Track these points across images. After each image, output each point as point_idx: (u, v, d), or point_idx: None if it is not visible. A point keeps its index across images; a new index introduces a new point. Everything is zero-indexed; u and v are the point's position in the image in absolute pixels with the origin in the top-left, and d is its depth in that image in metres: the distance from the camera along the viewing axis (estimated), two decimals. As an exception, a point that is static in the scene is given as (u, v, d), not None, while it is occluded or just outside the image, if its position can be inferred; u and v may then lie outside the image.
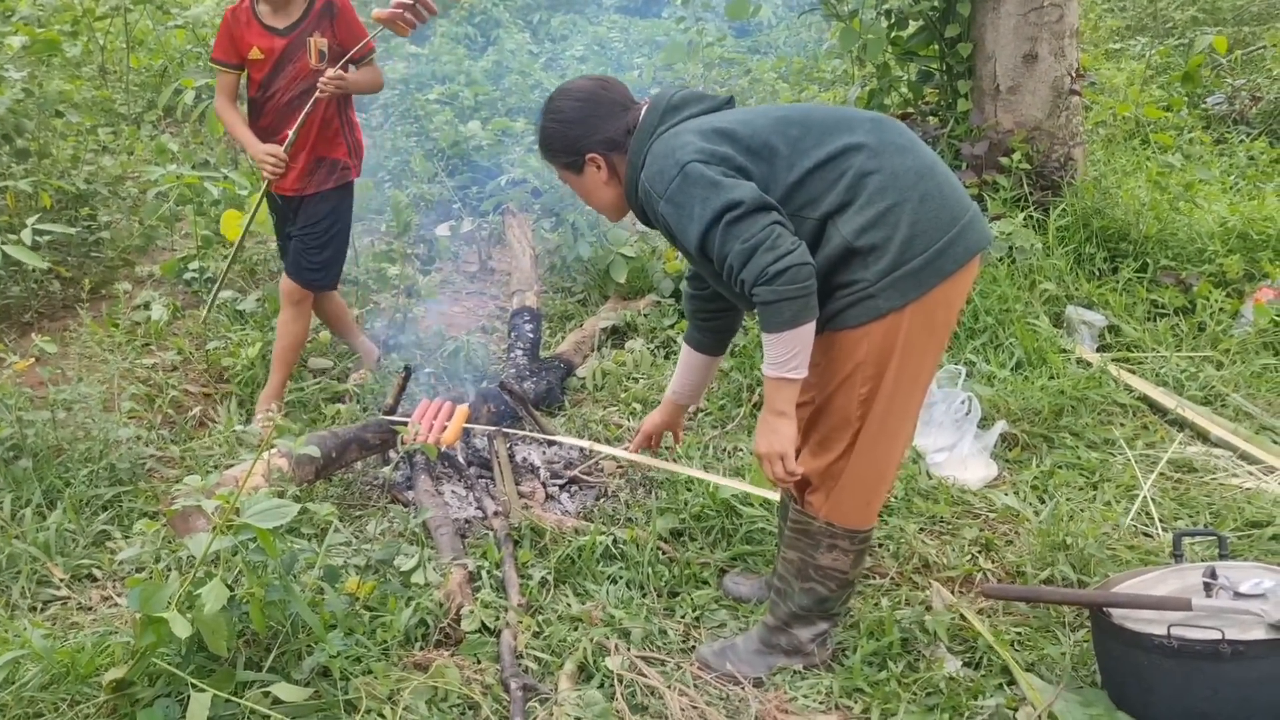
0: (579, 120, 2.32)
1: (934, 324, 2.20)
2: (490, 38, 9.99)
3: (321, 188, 3.69)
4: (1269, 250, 4.65)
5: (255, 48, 3.51)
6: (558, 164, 2.41)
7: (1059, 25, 4.83)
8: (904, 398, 2.25)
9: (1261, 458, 3.48)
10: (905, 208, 2.11)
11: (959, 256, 2.15)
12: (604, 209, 2.46)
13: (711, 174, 2.09)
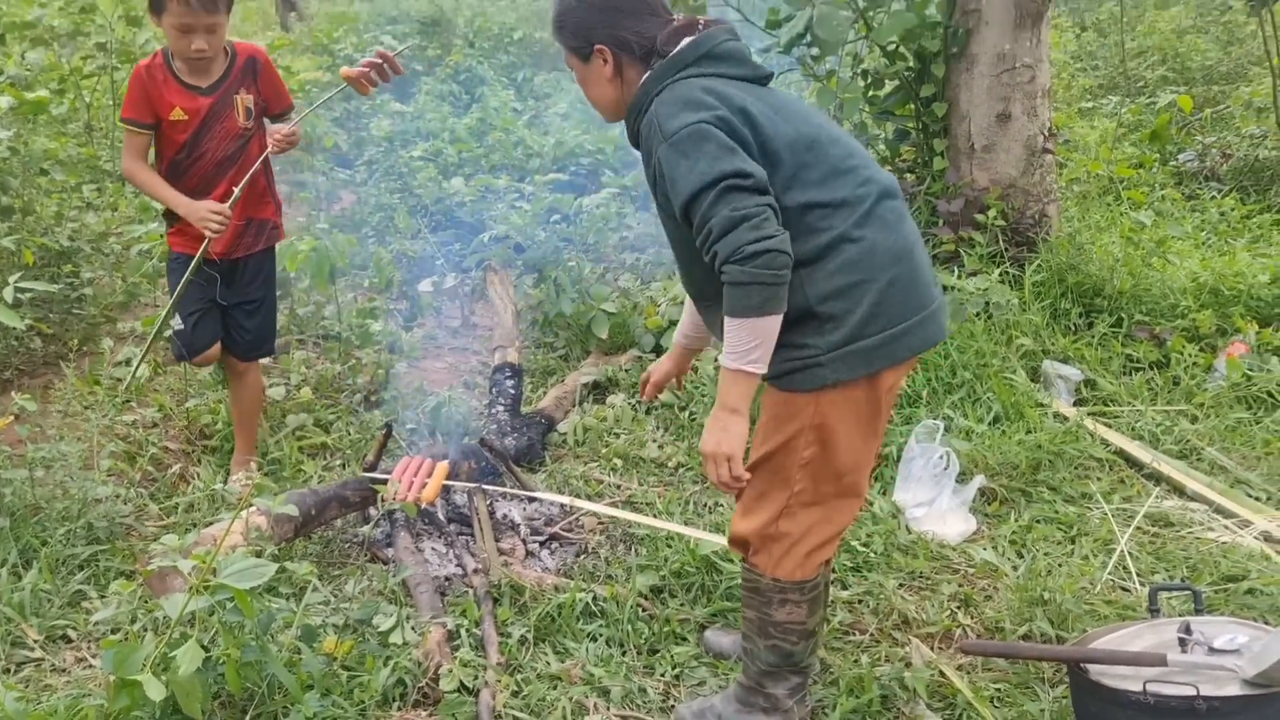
0: (599, 7, 2.21)
1: (876, 405, 2.20)
2: (475, 95, 10.12)
3: (252, 250, 3.59)
4: (1240, 305, 4.72)
5: (177, 108, 3.33)
6: (565, 45, 2.29)
7: (1031, 86, 4.93)
8: (848, 474, 2.24)
9: (1237, 511, 3.51)
10: (873, 286, 2.09)
11: (914, 346, 2.16)
12: (600, 105, 2.33)
13: (723, 136, 2.02)
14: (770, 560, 2.32)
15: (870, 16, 5.17)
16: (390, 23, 12.64)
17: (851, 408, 2.17)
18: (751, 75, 2.21)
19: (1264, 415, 4.12)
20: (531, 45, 12.37)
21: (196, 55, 3.24)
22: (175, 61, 3.33)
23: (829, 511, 2.30)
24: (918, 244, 2.22)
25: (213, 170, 3.42)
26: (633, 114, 2.22)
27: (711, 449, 2.11)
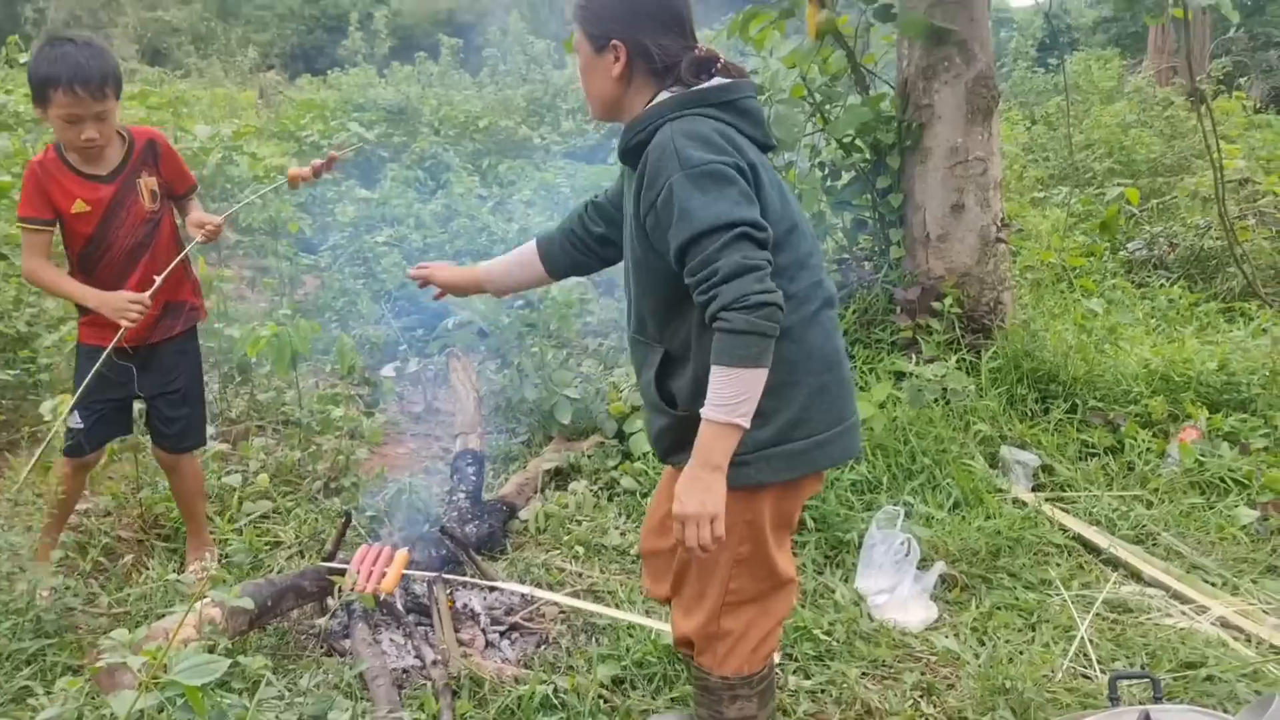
0: (632, 6, 2.12)
1: (792, 509, 2.24)
2: (440, 181, 10.24)
3: (170, 335, 3.41)
4: (1190, 391, 4.83)
5: (79, 200, 3.16)
6: (582, 29, 2.18)
7: (983, 178, 5.08)
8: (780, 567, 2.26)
9: (1193, 597, 3.54)
10: (803, 389, 2.09)
11: (834, 456, 2.19)
12: (595, 98, 2.24)
13: (743, 184, 1.98)
14: (716, 658, 2.31)
15: (826, 111, 5.32)
16: (357, 110, 12.81)
17: (778, 508, 2.20)
18: (761, 140, 2.18)
19: (1217, 500, 4.19)
20: (496, 133, 12.57)
21: (86, 145, 3.09)
22: (69, 153, 3.18)
23: (767, 604, 2.31)
24: (845, 356, 2.26)
25: (124, 260, 3.27)
26: (635, 128, 2.13)
27: (695, 510, 1.95)
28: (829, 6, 5.03)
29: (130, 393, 3.40)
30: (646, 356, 2.23)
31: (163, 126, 7.96)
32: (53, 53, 3.02)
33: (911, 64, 5.17)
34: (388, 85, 14.71)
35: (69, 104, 3.01)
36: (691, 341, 2.13)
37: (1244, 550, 3.87)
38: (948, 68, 5.03)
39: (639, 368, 2.29)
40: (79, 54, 3.02)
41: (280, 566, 3.68)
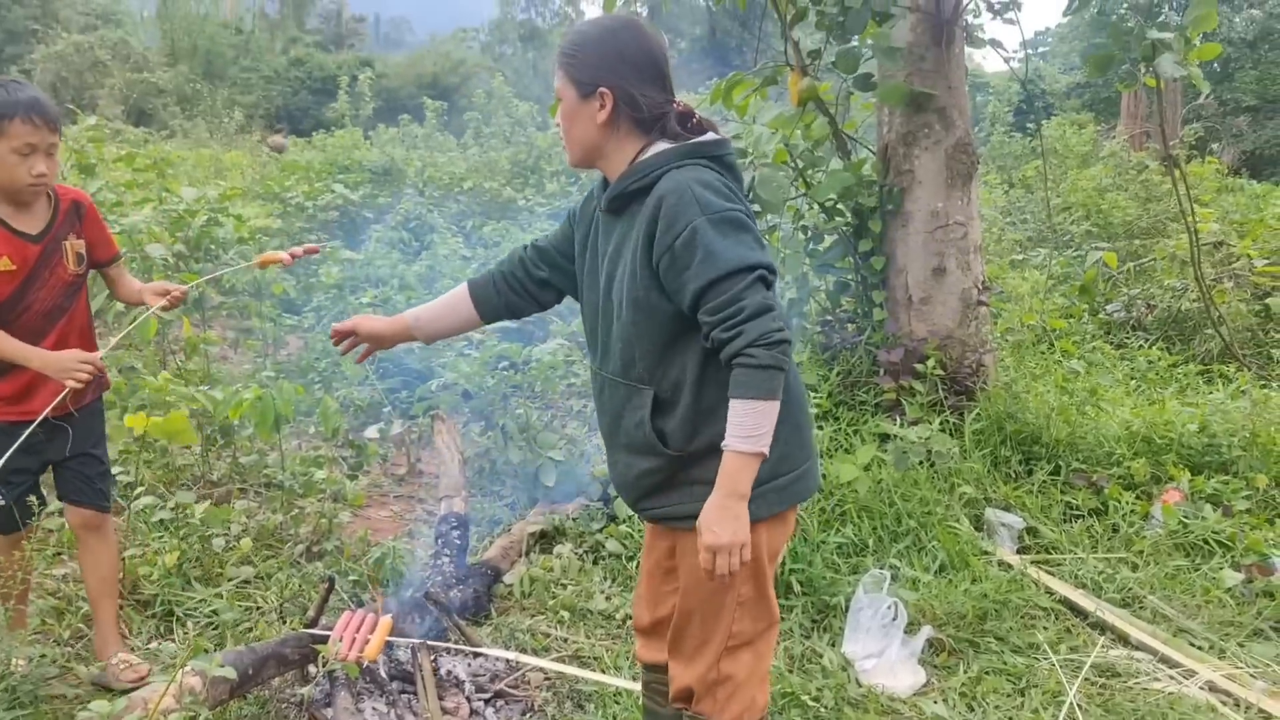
0: (623, 56, 2.16)
1: (781, 543, 2.33)
2: (424, 242, 10.28)
3: (82, 403, 3.22)
4: (1172, 453, 4.86)
5: (4, 257, 2.99)
6: (568, 75, 2.20)
7: (964, 241, 5.15)
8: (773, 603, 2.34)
9: (1181, 661, 3.54)
10: (786, 427, 2.14)
11: (810, 487, 2.30)
12: (576, 144, 2.26)
13: (756, 232, 2.09)
14: (716, 705, 2.31)
15: (809, 175, 5.39)
16: (343, 171, 12.90)
17: (772, 542, 2.27)
18: (741, 192, 2.23)
19: (1201, 562, 4.20)
20: (480, 195, 12.66)
21: (36, 181, 2.95)
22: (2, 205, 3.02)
23: (759, 647, 2.35)
24: None
25: (39, 322, 3.10)
26: (635, 174, 2.17)
27: (728, 540, 2.02)
28: (811, 74, 5.13)
29: (45, 461, 3.24)
30: (631, 399, 2.24)
31: (148, 188, 8.00)
32: (2, 88, 2.94)
33: (892, 130, 5.26)
34: (373, 147, 14.83)
35: (27, 133, 2.91)
36: (685, 381, 2.17)
37: (1230, 613, 3.87)
38: (927, 134, 5.12)
39: (619, 411, 2.28)
40: (30, 89, 2.98)
41: (262, 633, 3.62)
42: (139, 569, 3.94)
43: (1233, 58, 24.78)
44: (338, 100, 17.95)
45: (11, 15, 35.95)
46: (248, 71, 39.15)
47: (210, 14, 42.96)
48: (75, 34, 33.11)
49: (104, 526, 3.36)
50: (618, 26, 2.21)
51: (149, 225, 6.30)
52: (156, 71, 33.03)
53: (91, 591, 3.34)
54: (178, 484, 4.78)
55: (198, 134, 25.47)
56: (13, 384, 3.08)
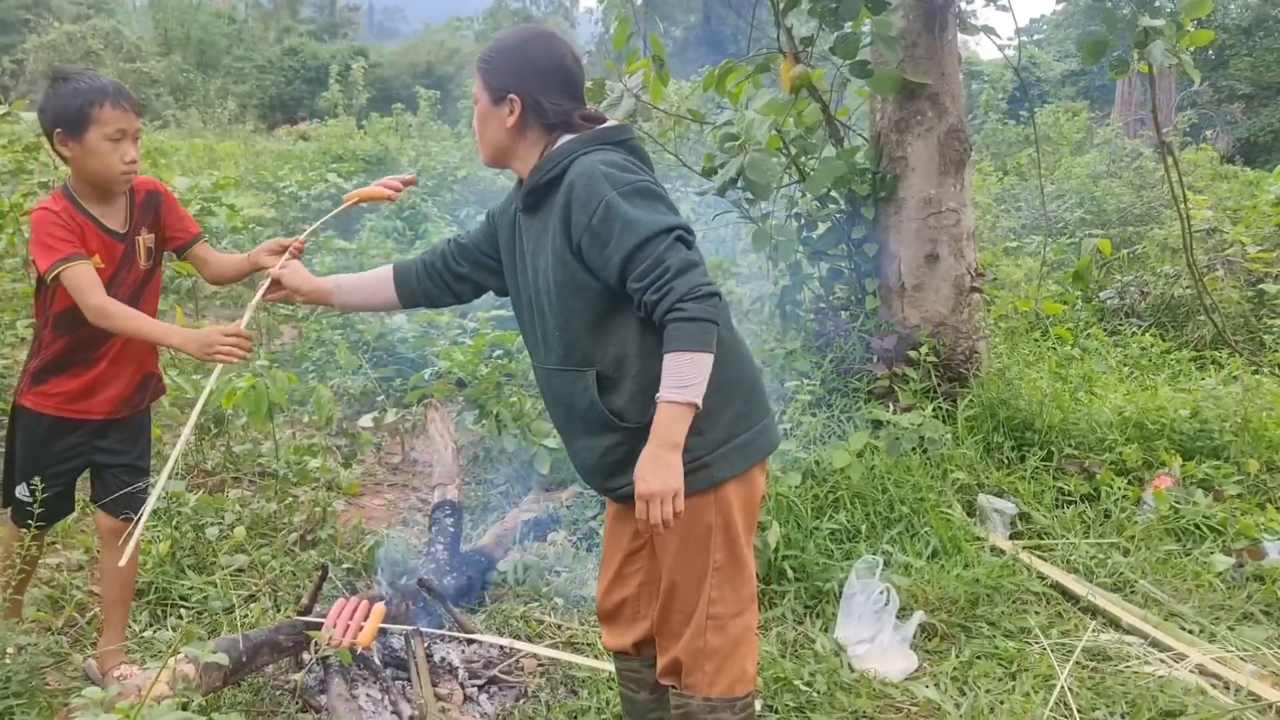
0: (534, 66, 2.28)
1: (754, 503, 2.35)
2: (419, 231, 10.27)
3: (138, 408, 3.19)
4: (1164, 439, 4.88)
5: (97, 255, 2.90)
6: (483, 80, 2.33)
7: (956, 229, 5.15)
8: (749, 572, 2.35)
9: (1172, 644, 3.55)
10: (741, 385, 2.26)
11: (771, 442, 2.34)
12: (488, 145, 2.37)
13: (665, 197, 2.19)
14: (705, 678, 2.31)
15: (803, 163, 5.39)
16: (336, 160, 12.87)
17: (743, 502, 2.30)
18: (649, 170, 2.33)
19: (1193, 547, 4.22)
20: (474, 183, 12.64)
21: (129, 169, 2.88)
22: (88, 203, 2.92)
23: (745, 619, 2.35)
24: None
25: None
26: (544, 167, 2.26)
27: (660, 488, 2.05)
28: (804, 61, 5.12)
29: (88, 462, 3.17)
30: (576, 384, 2.28)
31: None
32: (81, 79, 2.86)
33: (885, 117, 5.26)
34: (366, 136, 14.79)
35: (117, 118, 2.82)
36: (627, 355, 2.23)
37: (1220, 597, 3.89)
38: (920, 121, 5.12)
39: (569, 399, 2.32)
40: (107, 76, 2.92)
41: (255, 620, 3.63)
42: (133, 558, 3.94)
43: (1227, 44, 24.79)
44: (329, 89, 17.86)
45: (3, 5, 35.83)
46: (241, 61, 39.02)
47: (203, 3, 42.81)
48: (67, 24, 32.99)
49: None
50: (530, 36, 2.33)
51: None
52: (149, 61, 32.93)
53: (109, 596, 3.27)
54: (171, 473, 4.77)
55: (191, 124, 25.39)
56: (76, 381, 3.03)
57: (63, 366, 3.02)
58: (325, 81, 23.21)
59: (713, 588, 2.28)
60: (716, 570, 2.27)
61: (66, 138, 2.83)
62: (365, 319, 6.73)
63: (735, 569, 2.30)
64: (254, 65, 38.53)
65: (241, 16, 46.84)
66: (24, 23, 34.08)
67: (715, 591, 2.29)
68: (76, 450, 3.10)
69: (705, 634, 2.30)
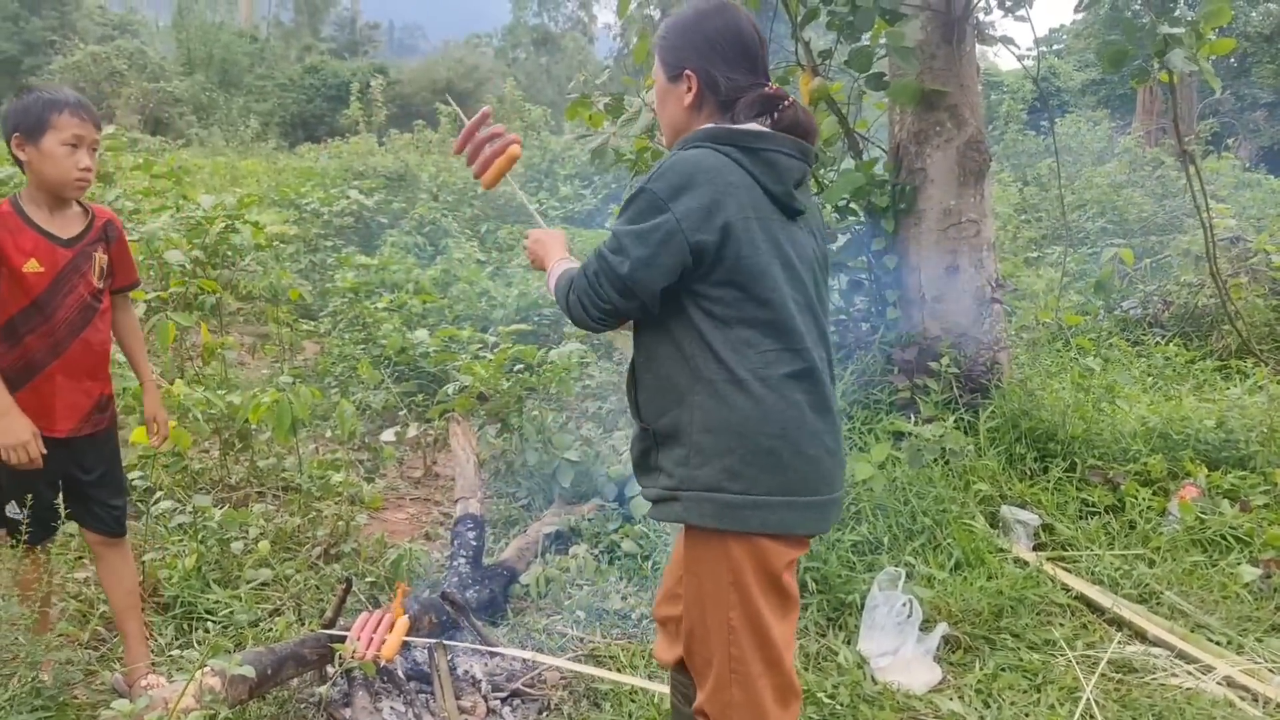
0: (707, 39, 2.21)
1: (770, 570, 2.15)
2: (439, 247, 10.33)
3: (99, 427, 3.19)
4: (1189, 449, 4.84)
5: (33, 259, 2.95)
6: (660, 58, 2.27)
7: (976, 239, 5.14)
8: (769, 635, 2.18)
9: (1198, 656, 3.52)
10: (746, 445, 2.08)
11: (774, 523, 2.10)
12: (667, 125, 2.33)
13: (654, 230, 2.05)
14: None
15: (821, 175, 5.40)
16: (356, 177, 12.97)
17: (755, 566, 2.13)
18: (779, 202, 2.16)
19: (1219, 558, 4.18)
20: (495, 199, 12.71)
21: (82, 176, 2.97)
22: (30, 208, 2.99)
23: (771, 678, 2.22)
24: (827, 434, 2.18)
25: (64, 332, 3.04)
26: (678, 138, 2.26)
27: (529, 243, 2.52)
28: (822, 74, 5.14)
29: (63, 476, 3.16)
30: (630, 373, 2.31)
31: (165, 196, 8.07)
32: (46, 90, 3.00)
33: (904, 129, 5.26)
34: (387, 153, 14.90)
35: (75, 125, 2.93)
36: (647, 354, 2.21)
37: (1248, 608, 3.85)
38: (939, 132, 5.12)
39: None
40: (72, 91, 3.04)
41: (280, 634, 3.65)
42: (159, 572, 3.98)
43: (1249, 52, 24.63)
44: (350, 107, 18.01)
45: (30, 27, 36.28)
46: (263, 79, 39.34)
47: (225, 23, 43.25)
48: (92, 44, 33.36)
49: (122, 544, 3.33)
50: (708, 10, 2.24)
51: (166, 233, 6.35)
52: (173, 81, 33.23)
53: (117, 607, 3.30)
54: (196, 488, 4.82)
55: (214, 142, 25.65)
56: (36, 396, 3.03)
57: (19, 382, 3.01)
58: (346, 99, 23.41)
59: (732, 644, 2.17)
60: (733, 630, 2.15)
61: (24, 141, 2.94)
62: (387, 333, 6.78)
63: (752, 630, 2.16)
64: (275, 84, 38.85)
65: (263, 36, 47.30)
66: (50, 44, 34.49)
67: (735, 649, 2.17)
68: (48, 469, 3.05)
69: (730, 687, 2.19)
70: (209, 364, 6.24)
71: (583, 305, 2.13)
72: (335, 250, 9.78)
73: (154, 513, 4.24)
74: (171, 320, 5.10)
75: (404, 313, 7.49)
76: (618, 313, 2.12)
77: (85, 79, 31.39)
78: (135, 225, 6.56)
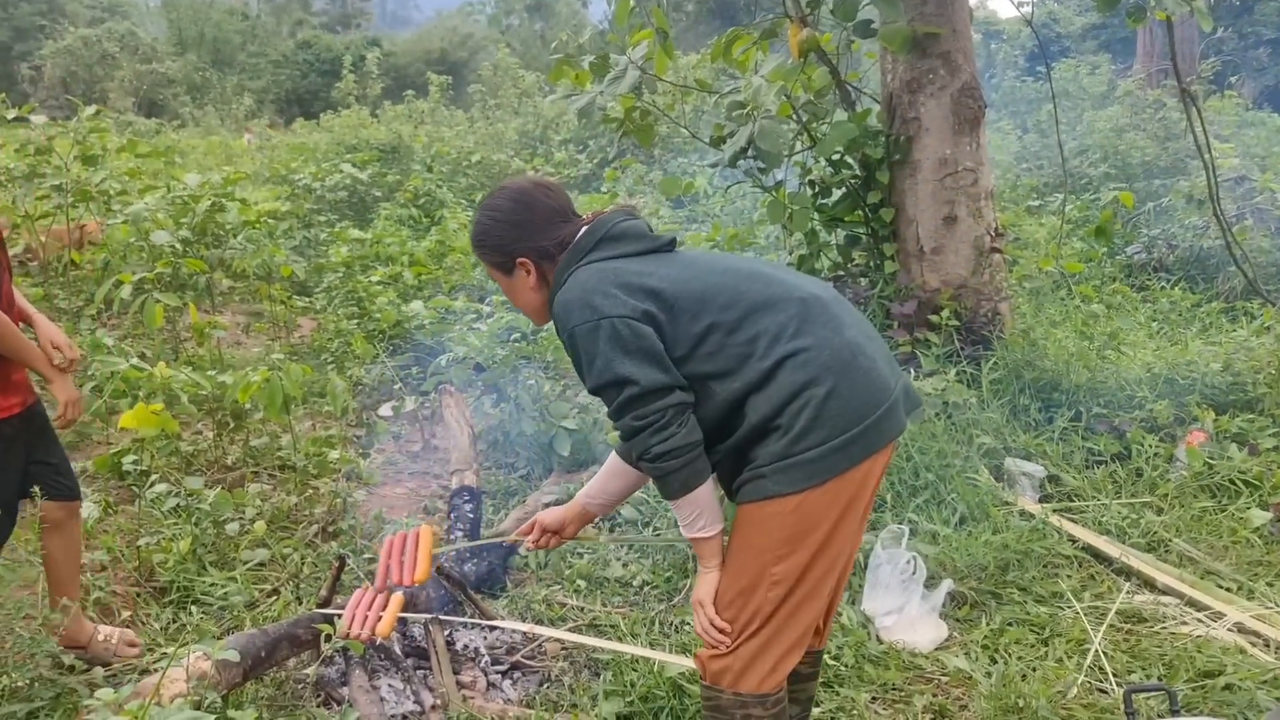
0: (514, 223, 2.29)
1: (836, 509, 2.16)
2: (434, 218, 10.23)
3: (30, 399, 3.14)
4: (1195, 394, 4.76)
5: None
6: (486, 262, 2.36)
7: (974, 189, 5.04)
8: (814, 579, 2.20)
9: (1208, 603, 3.47)
10: (809, 401, 2.08)
11: (854, 455, 2.13)
12: (529, 312, 2.41)
13: (626, 338, 2.08)
14: (732, 675, 2.24)
15: (814, 129, 5.29)
16: (350, 150, 12.84)
17: (813, 519, 2.13)
18: (652, 247, 2.27)
19: (1228, 503, 4.12)
20: (489, 167, 12.59)
21: None
22: None
23: (797, 625, 2.22)
24: (864, 343, 2.19)
25: None
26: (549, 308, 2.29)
27: (695, 597, 2.26)
28: (811, 25, 5.01)
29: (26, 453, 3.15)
30: None
31: (156, 177, 7.99)
32: None
33: (896, 78, 5.15)
34: (380, 125, 14.76)
35: None
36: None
37: (1258, 553, 3.79)
38: (932, 79, 5.01)
39: None
40: None
41: (278, 615, 3.61)
42: (153, 556, 3.94)
43: (1252, -10, 24.27)
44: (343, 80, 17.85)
45: (19, 12, 36.05)
46: (255, 57, 39.06)
47: (216, 1, 42.84)
48: (83, 28, 33.13)
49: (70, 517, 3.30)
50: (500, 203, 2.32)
51: (153, 213, 6.27)
52: (165, 61, 33.00)
53: (67, 576, 3.27)
54: (191, 470, 4.77)
55: (208, 122, 25.48)
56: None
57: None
58: (340, 73, 23.21)
59: (767, 600, 2.17)
60: (774, 584, 2.16)
61: None
62: (381, 307, 6.70)
63: (795, 584, 2.17)
64: (269, 61, 38.56)
65: (254, 13, 46.88)
66: (40, 29, 34.25)
67: (768, 602, 2.18)
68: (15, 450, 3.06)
69: (753, 637, 2.20)
70: (202, 345, 6.18)
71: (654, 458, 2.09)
72: (329, 225, 9.68)
73: (148, 496, 4.19)
74: (159, 301, 5.03)
75: (399, 286, 7.42)
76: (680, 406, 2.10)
77: (77, 63, 31.18)
78: (121, 207, 6.48)
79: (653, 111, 5.54)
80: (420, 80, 25.20)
